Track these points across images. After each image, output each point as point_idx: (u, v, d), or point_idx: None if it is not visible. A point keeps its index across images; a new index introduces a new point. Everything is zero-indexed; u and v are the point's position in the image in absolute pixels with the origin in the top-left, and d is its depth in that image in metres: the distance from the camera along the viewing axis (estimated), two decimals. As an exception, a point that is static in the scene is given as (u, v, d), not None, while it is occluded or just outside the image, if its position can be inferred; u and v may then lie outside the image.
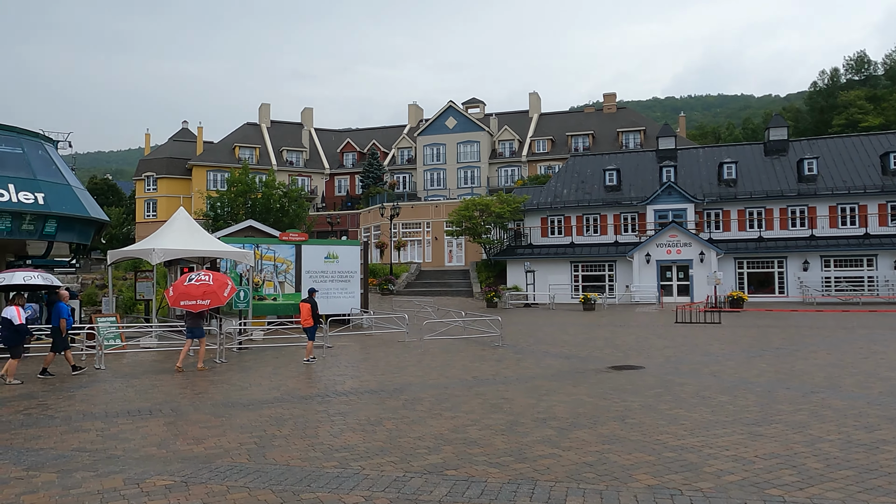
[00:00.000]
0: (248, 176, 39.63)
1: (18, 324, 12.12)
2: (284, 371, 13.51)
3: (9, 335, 12.13)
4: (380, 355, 16.01)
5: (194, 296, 13.87)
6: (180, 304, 13.88)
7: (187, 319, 14.26)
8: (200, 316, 14.23)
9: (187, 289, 13.99)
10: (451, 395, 10.67)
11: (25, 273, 14.44)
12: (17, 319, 12.13)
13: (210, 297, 13.95)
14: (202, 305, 13.89)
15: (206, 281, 14.21)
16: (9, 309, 12.29)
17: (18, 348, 12.21)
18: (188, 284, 14.12)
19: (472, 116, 69.48)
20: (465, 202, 42.59)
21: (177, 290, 14.07)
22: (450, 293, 40.58)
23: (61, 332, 12.84)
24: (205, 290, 13.96)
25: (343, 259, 23.63)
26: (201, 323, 14.32)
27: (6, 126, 20.96)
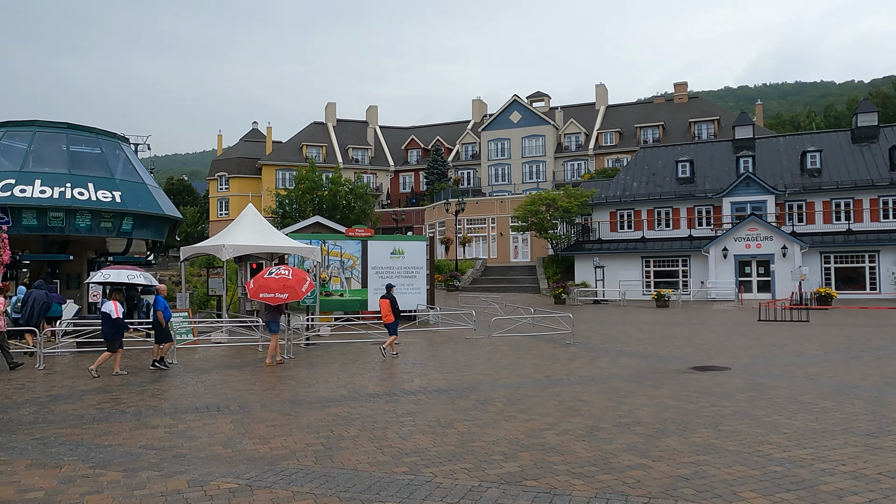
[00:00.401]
0: (314, 173, 40.04)
1: (116, 318, 12.45)
2: (351, 368, 13.27)
3: (108, 329, 12.48)
4: (447, 352, 15.61)
5: (273, 289, 13.89)
6: (259, 296, 13.96)
7: (266, 313, 14.32)
8: (278, 310, 14.25)
9: (267, 282, 14.06)
10: (524, 395, 10.13)
11: (129, 271, 14.89)
12: (114, 314, 12.46)
13: (288, 290, 13.92)
14: (280, 299, 13.90)
15: (285, 275, 14.25)
16: (107, 304, 12.59)
17: (117, 342, 12.52)
18: (268, 277, 14.19)
19: (537, 110, 68.34)
20: (531, 197, 41.78)
21: (257, 283, 14.19)
22: (516, 289, 39.90)
23: (161, 324, 13.20)
24: (283, 283, 13.96)
25: (409, 255, 23.38)
26: (278, 317, 14.32)
27: (86, 127, 21.70)
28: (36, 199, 18.89)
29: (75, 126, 21.32)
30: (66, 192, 19.34)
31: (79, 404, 9.52)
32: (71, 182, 19.64)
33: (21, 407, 9.33)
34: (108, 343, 12.43)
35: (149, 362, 13.61)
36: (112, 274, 15.07)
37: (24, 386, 11.07)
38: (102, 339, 12.62)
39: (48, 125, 20.95)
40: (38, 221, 19.10)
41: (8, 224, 18.84)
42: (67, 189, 19.44)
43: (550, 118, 68.23)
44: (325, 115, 77.44)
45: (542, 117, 67.22)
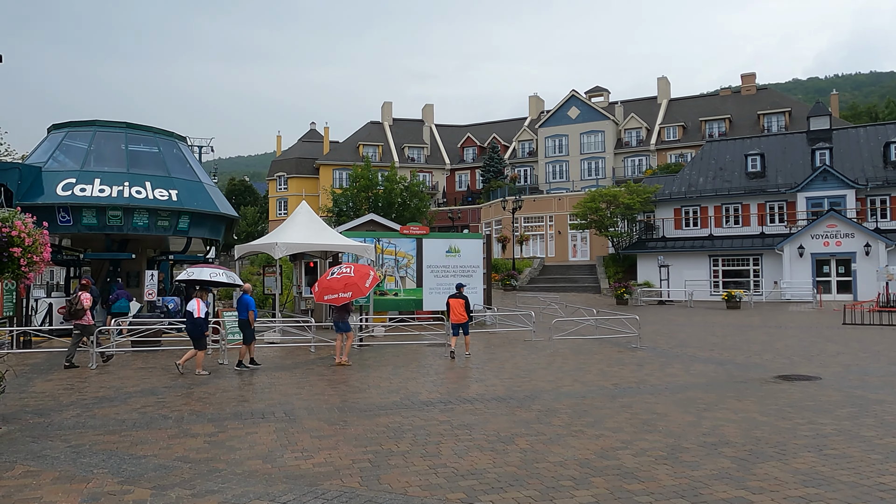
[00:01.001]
0: (370, 171, 39.75)
1: (196, 317, 12.35)
2: (405, 372, 12.62)
3: (191, 328, 12.46)
4: (505, 356, 14.79)
5: (336, 289, 13.55)
6: (324, 299, 13.64)
7: (333, 313, 14.07)
8: (345, 309, 13.91)
9: (330, 283, 13.74)
10: (591, 406, 9.23)
11: (212, 269, 14.74)
12: (196, 312, 12.38)
13: (351, 288, 13.54)
14: (344, 298, 13.53)
15: (347, 273, 13.91)
16: (191, 302, 12.61)
17: (201, 340, 12.38)
18: (330, 279, 13.87)
19: (596, 105, 66.52)
20: (590, 193, 40.44)
21: (321, 286, 13.89)
22: (575, 289, 38.66)
23: (250, 324, 13.00)
24: (346, 282, 13.60)
25: (465, 253, 22.64)
26: (346, 316, 13.95)
27: (144, 126, 21.81)
28: (95, 198, 19.01)
29: (134, 125, 21.44)
30: (125, 191, 19.42)
31: (122, 408, 9.15)
32: (129, 181, 19.72)
33: (65, 409, 9.02)
34: (194, 342, 12.38)
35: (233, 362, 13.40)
36: (195, 272, 14.85)
37: (73, 387, 10.85)
38: (189, 336, 12.68)
39: (108, 125, 21.13)
40: (98, 220, 19.23)
41: (69, 223, 19.04)
42: (125, 188, 19.52)
43: (610, 113, 66.34)
44: (382, 115, 77.56)
45: (601, 112, 65.42)
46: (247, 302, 13.14)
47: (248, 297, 13.30)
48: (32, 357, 14.55)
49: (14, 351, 15.01)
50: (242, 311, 13.17)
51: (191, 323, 12.45)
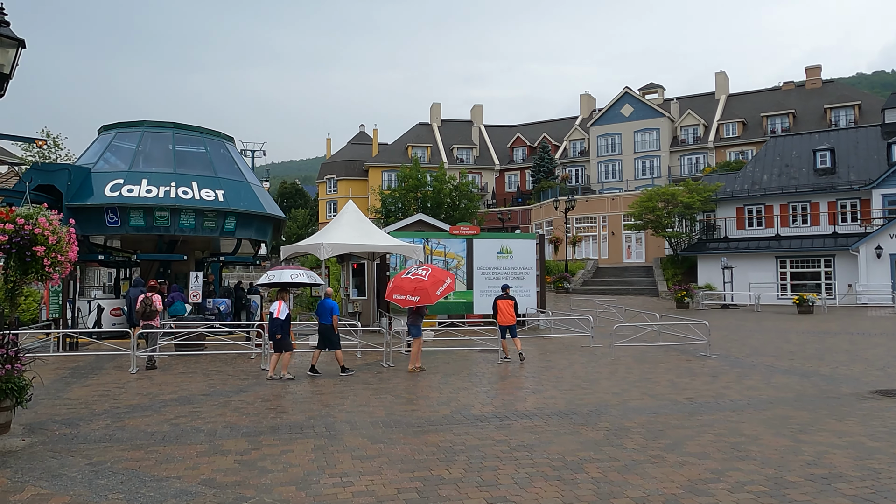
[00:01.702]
0: (418, 171, 39.04)
1: (276, 317, 11.90)
2: (456, 380, 11.75)
3: (274, 330, 12.00)
4: (563, 364, 13.76)
5: (405, 290, 12.79)
6: (392, 297, 12.94)
7: (408, 317, 13.45)
8: (419, 313, 13.23)
9: (402, 282, 13.01)
10: (667, 425, 8.17)
11: (293, 271, 14.12)
12: (276, 313, 11.94)
13: (420, 293, 12.69)
14: (410, 302, 12.76)
15: (421, 276, 13.03)
16: (273, 304, 12.18)
17: (285, 342, 11.90)
18: (404, 278, 13.13)
19: (651, 102, 64.42)
20: (647, 192, 38.80)
21: (394, 282, 13.19)
22: (631, 292, 37.12)
23: (334, 330, 12.43)
24: (416, 285, 12.75)
25: (517, 254, 21.66)
26: (420, 321, 13.28)
27: (191, 126, 21.58)
28: (142, 199, 18.79)
29: (181, 125, 21.23)
30: (171, 192, 19.15)
31: (154, 418, 8.55)
32: (176, 181, 19.45)
33: (95, 419, 8.48)
34: (282, 345, 11.91)
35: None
36: (275, 275, 14.05)
37: (109, 393, 10.37)
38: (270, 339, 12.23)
39: (155, 125, 20.97)
40: (145, 221, 19.01)
41: (117, 224, 18.88)
42: (172, 188, 19.25)
43: (665, 110, 64.15)
44: (430, 116, 77.09)
45: (655, 109, 63.35)
46: (329, 306, 12.51)
47: (330, 300, 12.65)
48: (76, 360, 14.27)
49: (57, 354, 14.76)
50: (325, 315, 12.51)
51: (274, 325, 11.95)
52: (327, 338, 12.52)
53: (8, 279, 7.22)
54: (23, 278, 7.23)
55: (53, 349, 15.23)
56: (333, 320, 12.43)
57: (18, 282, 7.27)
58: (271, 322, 12.01)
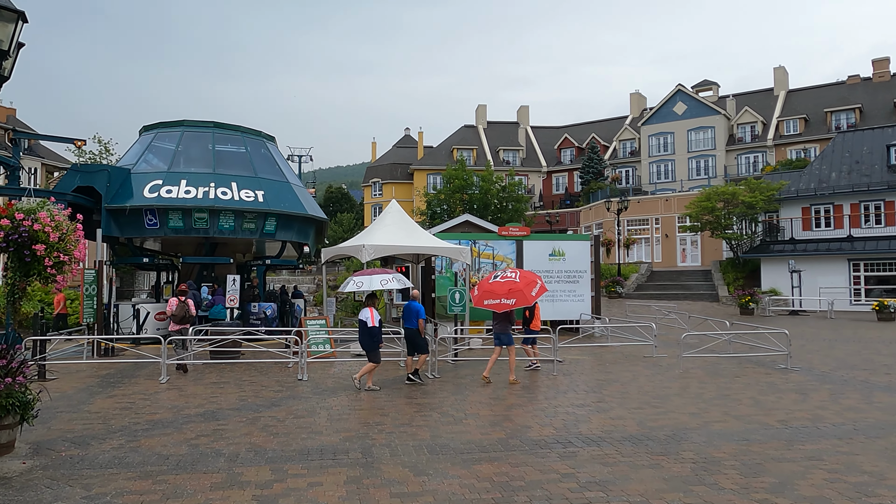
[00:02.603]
0: (464, 171, 37.90)
1: (371, 326, 11.10)
2: (508, 394, 10.59)
3: (365, 339, 11.24)
4: (626, 376, 12.45)
5: (499, 294, 11.84)
6: (484, 303, 11.95)
7: (494, 323, 12.37)
8: (508, 319, 12.23)
9: (492, 286, 12.07)
10: (764, 455, 6.86)
11: (382, 276, 13.08)
12: (370, 321, 11.14)
13: (515, 295, 11.79)
14: (506, 305, 11.81)
15: (511, 278, 12.19)
16: (363, 311, 11.35)
17: (376, 352, 11.17)
18: (493, 282, 12.21)
19: (705, 100, 61.91)
20: (706, 192, 36.85)
21: (481, 288, 12.26)
22: (688, 297, 35.23)
23: (420, 334, 11.71)
24: (510, 287, 11.89)
25: (570, 256, 20.34)
26: (509, 327, 12.29)
27: (232, 126, 21.01)
28: (181, 200, 18.22)
29: (221, 125, 20.67)
30: (210, 192, 18.55)
31: (174, 437, 7.66)
32: (215, 182, 18.85)
33: (109, 437, 7.64)
34: (368, 354, 11.22)
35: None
36: (364, 280, 12.68)
37: (132, 406, 9.57)
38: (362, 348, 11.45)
39: (195, 125, 20.45)
40: (184, 223, 18.45)
41: (156, 226, 18.37)
42: (211, 189, 18.65)
43: (721, 107, 61.53)
44: (476, 118, 76.03)
45: (710, 107, 60.83)
46: (416, 309, 11.80)
47: (416, 303, 11.95)
48: (108, 367, 13.63)
49: (91, 360, 14.19)
50: (411, 319, 11.78)
51: (365, 333, 11.17)
52: (413, 342, 11.80)
53: (7, 281, 6.42)
54: (24, 280, 6.42)
55: (87, 355, 14.68)
56: (419, 324, 11.68)
57: (19, 284, 6.47)
58: (363, 331, 11.21)
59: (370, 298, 11.71)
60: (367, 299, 11.72)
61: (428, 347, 12.03)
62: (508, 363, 12.13)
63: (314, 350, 14.52)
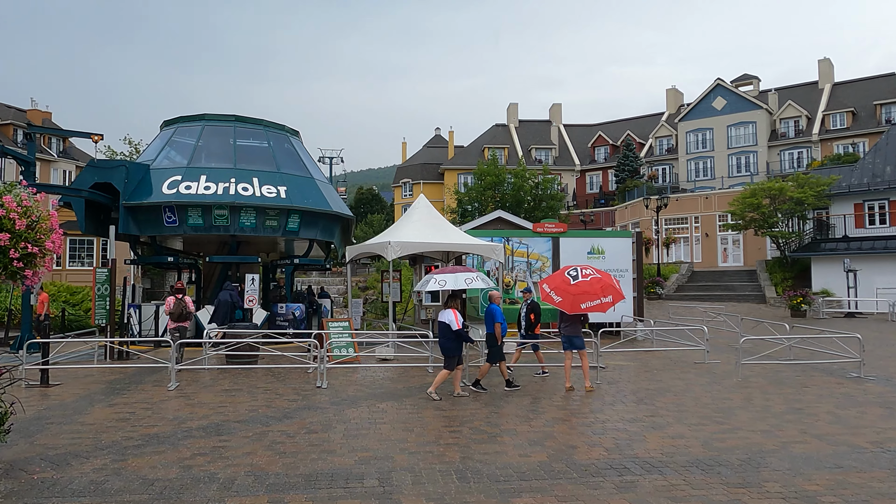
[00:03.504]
0: (496, 167, 36.57)
1: (457, 329, 10.12)
2: (548, 406, 9.44)
3: (447, 343, 10.21)
4: (678, 385, 11.18)
5: (594, 293, 10.54)
6: (581, 307, 10.54)
7: (564, 325, 11.05)
8: (579, 321, 11.06)
9: (583, 287, 10.61)
10: (869, 489, 5.60)
11: (466, 274, 11.94)
12: (455, 324, 10.13)
13: (611, 292, 10.64)
14: (607, 304, 10.62)
15: (593, 274, 10.86)
16: (446, 312, 10.32)
17: (457, 357, 10.24)
18: (580, 282, 10.70)
19: (746, 94, 59.64)
20: (751, 188, 35.04)
21: (571, 291, 10.59)
22: (732, 298, 33.50)
23: (497, 340, 10.70)
24: (602, 284, 10.66)
25: (611, 254, 19.04)
26: (580, 330, 11.15)
27: (254, 119, 20.22)
28: (200, 196, 17.43)
29: (243, 118, 19.88)
30: (231, 188, 17.73)
31: (167, 455, 6.70)
32: (235, 177, 18.04)
33: (94, 456, 6.70)
34: (448, 359, 10.20)
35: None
36: (447, 279, 11.58)
37: (132, 416, 8.66)
38: (442, 353, 10.41)
39: (216, 118, 19.69)
40: (204, 220, 17.66)
41: (175, 224, 17.62)
42: (232, 184, 17.83)
43: (762, 102, 59.22)
44: (507, 117, 74.75)
45: (751, 101, 58.58)
46: (493, 312, 10.76)
47: (495, 306, 10.89)
48: (119, 372, 12.82)
49: (103, 365, 13.41)
50: (488, 323, 10.79)
51: (448, 337, 10.15)
52: (489, 348, 10.84)
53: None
54: (-12, 277, 5.52)
55: (99, 359, 13.92)
56: (495, 329, 10.63)
57: (-18, 281, 5.57)
58: (445, 335, 10.16)
59: (452, 299, 10.58)
60: (449, 300, 10.55)
61: (502, 355, 10.85)
62: (583, 369, 10.98)
63: (336, 355, 13.53)
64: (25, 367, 11.09)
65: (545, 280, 11.40)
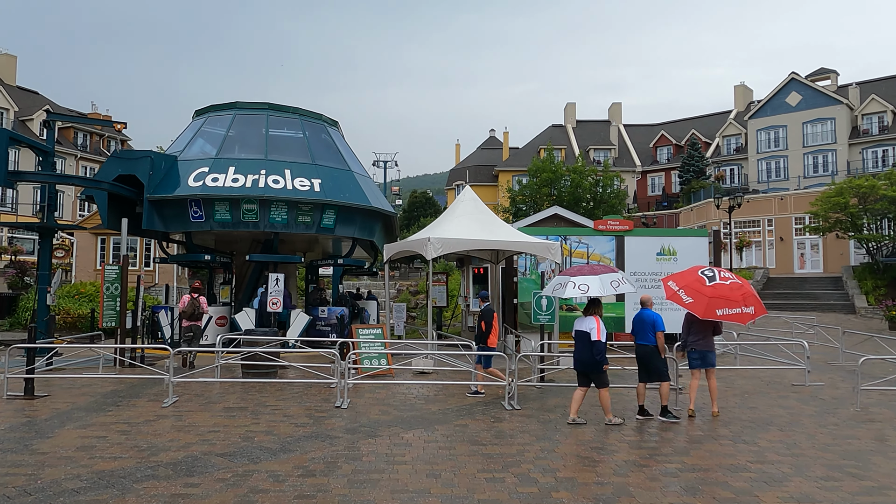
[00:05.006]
0: (552, 162, 34.18)
1: (596, 339, 8.35)
2: (615, 442, 7.39)
3: (587, 356, 8.43)
4: (781, 416, 8.92)
5: (735, 301, 8.63)
6: (716, 314, 8.57)
7: (695, 339, 9.05)
8: (711, 332, 9.01)
9: (722, 291, 8.68)
10: None
11: (611, 275, 9.47)
12: (596, 333, 8.36)
13: (753, 302, 8.66)
14: (748, 315, 8.62)
15: (732, 278, 8.91)
16: (587, 320, 8.54)
17: (603, 374, 8.46)
18: (718, 285, 8.72)
19: (823, 89, 55.46)
20: (837, 187, 31.77)
21: (700, 292, 8.75)
22: (815, 308, 30.27)
23: (660, 354, 8.79)
24: (743, 293, 8.69)
25: (683, 255, 16.71)
26: (713, 343, 9.13)
27: (289, 108, 18.78)
28: (227, 189, 16.02)
29: (277, 106, 18.45)
30: (260, 180, 16.26)
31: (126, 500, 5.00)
32: (266, 169, 16.57)
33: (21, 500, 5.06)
34: (594, 378, 8.46)
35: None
36: (590, 284, 8.99)
37: (99, 443, 7.05)
38: (578, 368, 8.62)
39: (248, 107, 18.30)
40: (231, 215, 16.24)
41: (201, 219, 16.26)
42: (261, 176, 16.37)
43: (842, 96, 54.93)
44: (564, 117, 72.25)
45: (830, 96, 54.40)
46: (651, 320, 8.80)
47: (650, 311, 8.96)
48: (118, 383, 11.36)
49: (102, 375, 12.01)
50: (645, 332, 8.82)
51: (586, 350, 8.40)
52: (647, 364, 8.81)
53: None
54: None
55: (104, 367, 12.54)
56: (658, 339, 8.69)
57: None
58: (583, 346, 8.42)
59: (593, 304, 8.72)
60: (590, 306, 8.72)
61: (668, 373, 8.91)
62: (710, 390, 9.05)
63: (366, 367, 11.74)
64: (8, 375, 9.71)
65: (671, 277, 9.33)
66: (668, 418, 8.61)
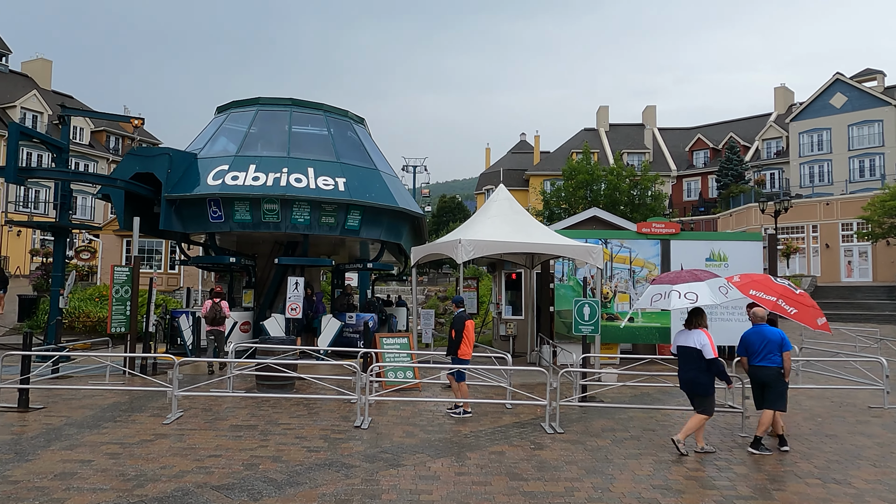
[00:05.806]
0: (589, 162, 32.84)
1: (711, 357, 7.24)
2: (679, 475, 6.24)
3: (699, 376, 7.36)
4: (867, 446, 7.66)
5: (818, 309, 7.66)
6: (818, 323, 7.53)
7: None
8: None
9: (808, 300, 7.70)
10: None
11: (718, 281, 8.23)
12: (710, 349, 7.26)
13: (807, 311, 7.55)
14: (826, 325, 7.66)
15: (785, 285, 7.79)
16: (694, 334, 7.45)
17: (711, 398, 7.39)
18: (803, 293, 7.71)
19: (870, 90, 53.15)
20: (892, 189, 29.99)
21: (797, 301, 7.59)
22: (869, 318, 28.45)
23: (783, 377, 7.54)
24: (799, 301, 7.57)
25: (735, 261, 15.42)
26: None
27: (313, 104, 17.91)
28: (247, 188, 15.20)
29: (300, 102, 17.60)
30: (282, 179, 15.42)
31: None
32: (288, 167, 15.72)
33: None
34: (701, 400, 7.39)
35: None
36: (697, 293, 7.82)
37: (81, 469, 6.15)
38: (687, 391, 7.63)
39: (271, 102, 17.51)
40: (252, 216, 15.42)
41: (221, 220, 15.47)
42: (283, 175, 15.53)
43: (890, 97, 52.56)
44: (597, 120, 70.75)
45: (877, 97, 52.09)
46: (779, 338, 7.54)
47: (773, 328, 7.67)
48: (123, 394, 10.51)
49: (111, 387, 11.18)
50: (770, 352, 7.48)
51: (695, 368, 7.35)
52: (773, 389, 7.49)
53: None
54: None
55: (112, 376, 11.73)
56: (784, 360, 7.46)
57: None
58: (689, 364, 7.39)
59: (697, 316, 7.61)
60: (693, 317, 7.61)
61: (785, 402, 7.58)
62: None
63: (390, 380, 10.73)
64: (1, 385, 8.92)
65: (749, 285, 7.88)
66: (760, 451, 7.37)
